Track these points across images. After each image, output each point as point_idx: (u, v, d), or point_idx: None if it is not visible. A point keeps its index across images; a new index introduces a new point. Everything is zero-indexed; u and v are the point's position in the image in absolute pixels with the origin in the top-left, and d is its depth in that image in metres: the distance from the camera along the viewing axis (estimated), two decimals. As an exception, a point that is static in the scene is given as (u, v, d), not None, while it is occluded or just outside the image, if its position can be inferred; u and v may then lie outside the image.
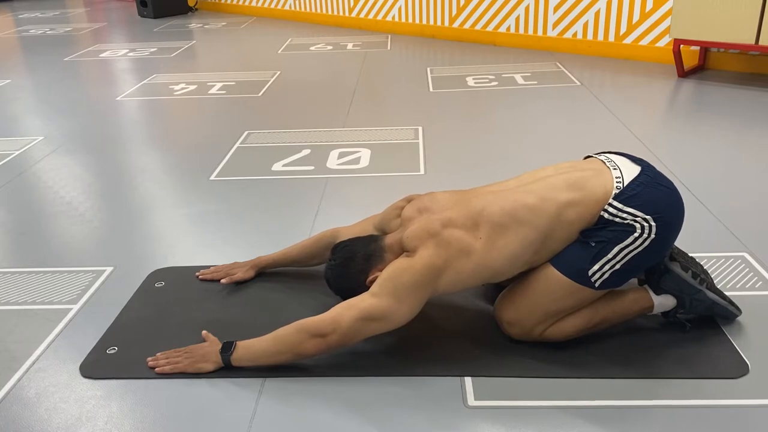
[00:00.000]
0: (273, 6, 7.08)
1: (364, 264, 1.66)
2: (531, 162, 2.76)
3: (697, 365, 1.58)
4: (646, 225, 1.52)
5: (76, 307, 1.95)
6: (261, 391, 1.56)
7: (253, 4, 7.30)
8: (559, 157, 2.28)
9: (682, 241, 1.72)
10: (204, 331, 1.72)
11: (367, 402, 1.51)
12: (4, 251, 2.32)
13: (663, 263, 1.66)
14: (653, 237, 1.53)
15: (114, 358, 1.70)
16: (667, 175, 1.66)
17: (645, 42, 4.47)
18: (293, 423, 1.46)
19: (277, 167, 2.95)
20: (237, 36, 6.22)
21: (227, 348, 1.61)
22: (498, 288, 1.79)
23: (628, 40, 4.55)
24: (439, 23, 5.58)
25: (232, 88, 4.37)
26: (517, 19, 5.06)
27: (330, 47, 5.52)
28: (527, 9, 4.97)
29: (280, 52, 5.44)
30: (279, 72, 4.73)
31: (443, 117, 3.55)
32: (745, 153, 2.85)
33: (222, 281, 1.99)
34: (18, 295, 2.03)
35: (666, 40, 4.34)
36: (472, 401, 1.50)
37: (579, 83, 4.05)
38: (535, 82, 4.13)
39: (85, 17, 7.85)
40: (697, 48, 4.16)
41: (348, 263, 1.68)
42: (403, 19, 5.85)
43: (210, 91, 4.31)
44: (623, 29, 4.54)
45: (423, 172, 2.83)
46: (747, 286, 1.89)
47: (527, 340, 1.64)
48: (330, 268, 1.72)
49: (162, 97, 4.24)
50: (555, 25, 4.87)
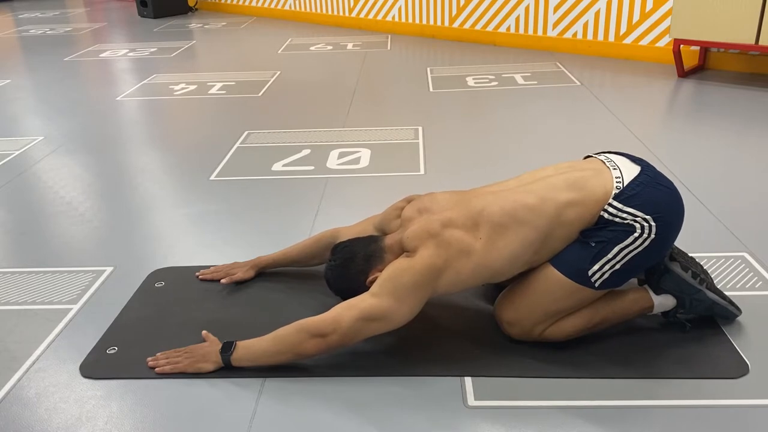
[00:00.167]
0: (273, 6, 7.08)
1: (364, 264, 1.66)
2: (531, 162, 2.76)
3: (697, 365, 1.58)
4: (646, 225, 1.52)
5: (76, 307, 1.95)
6: (261, 391, 1.56)
7: (253, 4, 7.30)
8: (559, 157, 2.28)
9: (682, 241, 1.72)
10: (204, 331, 1.72)
11: (367, 402, 1.51)
12: (4, 251, 2.32)
13: (663, 263, 1.66)
14: (653, 237, 1.53)
15: (114, 358, 1.70)
16: (667, 175, 1.66)
17: (645, 42, 4.47)
18: (293, 423, 1.46)
19: (277, 167, 2.95)
20: (237, 36, 6.22)
21: (227, 348, 1.61)
22: (498, 288, 1.79)
23: (628, 40, 4.55)
24: (439, 23, 5.58)
25: (232, 88, 4.37)
26: (517, 19, 5.06)
27: (330, 47, 5.52)
28: (527, 9, 4.97)
29: (280, 52, 5.44)
30: (279, 72, 4.73)
31: (443, 117, 3.55)
32: (745, 153, 2.85)
33: (222, 281, 1.99)
34: (18, 295, 2.03)
35: (666, 40, 4.34)
36: (472, 401, 1.50)
37: (579, 83, 4.05)
38: (535, 82, 4.13)
39: (85, 17, 7.85)
40: (697, 48, 4.16)
41: (348, 264, 1.68)
42: (403, 19, 5.85)
43: (210, 91, 4.31)
44: (623, 29, 4.54)
45: (423, 172, 2.83)
46: (747, 286, 1.89)
47: (527, 340, 1.64)
48: (330, 268, 1.72)
49: (162, 97, 4.24)
50: (555, 25, 4.87)
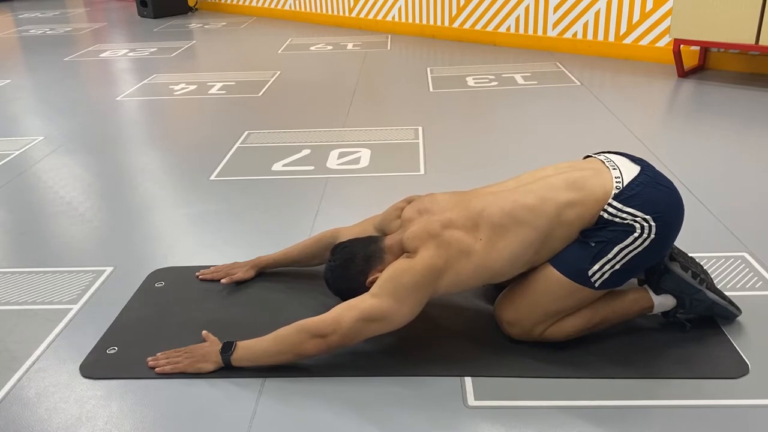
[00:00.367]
0: (273, 6, 7.08)
1: (363, 265, 1.66)
2: (531, 162, 2.76)
3: (697, 365, 1.58)
4: (645, 225, 1.52)
5: (76, 307, 1.95)
6: (261, 391, 1.56)
7: (253, 4, 7.30)
8: (559, 157, 2.28)
9: (682, 241, 1.72)
10: (204, 331, 1.72)
11: (367, 402, 1.51)
12: (4, 251, 2.32)
13: (663, 263, 1.66)
14: (653, 237, 1.53)
15: (114, 358, 1.70)
16: (667, 175, 1.66)
17: (645, 42, 4.47)
18: (293, 423, 1.46)
19: (277, 167, 2.95)
20: (237, 36, 6.22)
21: (227, 348, 1.61)
22: (498, 288, 1.79)
23: (628, 40, 4.55)
24: (439, 23, 5.58)
25: (232, 88, 4.37)
26: (517, 19, 5.06)
27: (330, 47, 5.52)
28: (527, 9, 4.97)
29: (280, 52, 5.44)
30: (279, 72, 4.73)
31: (443, 117, 3.55)
32: (745, 153, 2.85)
33: (222, 281, 1.99)
34: (18, 295, 2.03)
35: (666, 40, 4.34)
36: (472, 401, 1.50)
37: (579, 83, 4.04)
38: (535, 82, 4.13)
39: (85, 17, 7.85)
40: (697, 48, 4.16)
41: (348, 264, 1.68)
42: (403, 19, 5.85)
43: (210, 91, 4.31)
44: (623, 29, 4.54)
45: (423, 172, 2.83)
46: (747, 286, 1.89)
47: (527, 340, 1.64)
48: (330, 269, 1.72)
49: (162, 97, 4.24)
50: (555, 25, 4.87)
